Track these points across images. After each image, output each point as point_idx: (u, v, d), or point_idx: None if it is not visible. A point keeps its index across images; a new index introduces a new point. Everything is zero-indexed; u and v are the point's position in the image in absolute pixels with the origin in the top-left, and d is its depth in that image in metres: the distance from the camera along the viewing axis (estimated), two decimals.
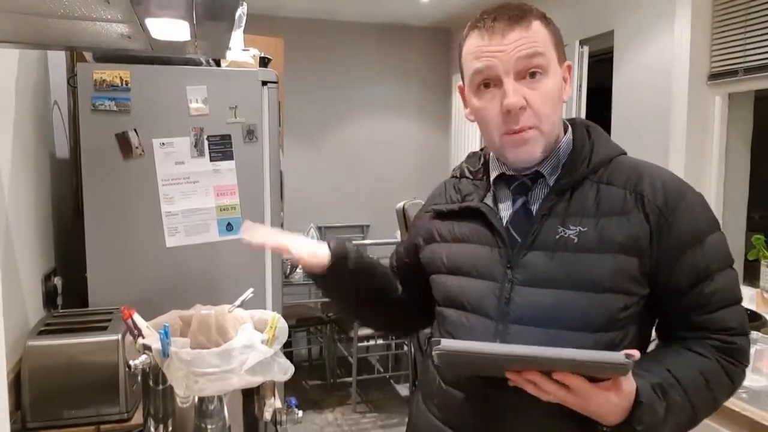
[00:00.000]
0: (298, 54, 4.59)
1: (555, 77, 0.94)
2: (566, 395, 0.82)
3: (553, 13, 1.02)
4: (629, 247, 0.89)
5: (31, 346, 1.37)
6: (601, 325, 0.89)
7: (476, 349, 0.84)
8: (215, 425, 1.16)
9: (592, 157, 0.96)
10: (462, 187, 1.07)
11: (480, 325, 0.95)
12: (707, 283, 0.90)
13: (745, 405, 1.62)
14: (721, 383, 0.91)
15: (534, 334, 0.90)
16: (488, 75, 0.92)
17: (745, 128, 2.67)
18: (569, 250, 0.91)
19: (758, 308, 2.19)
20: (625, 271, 0.89)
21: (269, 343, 1.13)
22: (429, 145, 5.29)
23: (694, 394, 0.88)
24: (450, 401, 0.99)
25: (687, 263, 0.90)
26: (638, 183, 0.92)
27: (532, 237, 0.93)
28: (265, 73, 1.89)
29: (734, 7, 2.49)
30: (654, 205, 0.90)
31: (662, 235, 0.89)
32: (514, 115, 0.91)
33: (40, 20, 1.02)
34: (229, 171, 1.84)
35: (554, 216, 0.93)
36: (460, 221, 1.03)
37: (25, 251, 1.56)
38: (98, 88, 1.72)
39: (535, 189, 0.98)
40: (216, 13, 1.01)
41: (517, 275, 0.93)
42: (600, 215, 0.91)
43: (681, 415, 0.87)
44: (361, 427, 3.49)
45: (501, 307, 0.93)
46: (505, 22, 0.91)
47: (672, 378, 0.87)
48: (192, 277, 1.82)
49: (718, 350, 0.91)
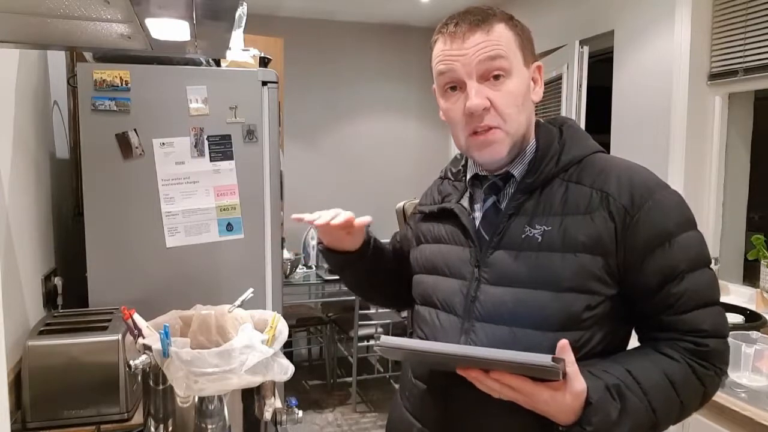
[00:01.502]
0: (298, 54, 4.59)
1: (520, 79, 0.94)
2: (512, 393, 0.83)
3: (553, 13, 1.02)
4: (592, 246, 0.88)
5: (31, 346, 1.37)
6: (562, 325, 0.89)
7: (411, 346, 0.90)
8: (215, 425, 1.16)
9: (561, 155, 0.96)
10: (443, 188, 1.11)
11: (448, 323, 0.97)
12: (675, 284, 0.88)
13: (745, 405, 1.62)
14: (689, 386, 0.88)
15: (497, 332, 0.91)
16: (451, 78, 0.95)
17: (745, 128, 2.67)
18: (533, 249, 0.91)
19: (758, 308, 2.19)
20: (588, 270, 0.88)
21: (269, 343, 1.13)
22: (429, 145, 5.28)
23: (655, 397, 0.85)
24: (417, 394, 1.02)
25: (654, 263, 0.88)
26: (605, 182, 0.91)
27: (499, 236, 0.95)
28: (265, 73, 1.89)
29: (734, 7, 2.48)
30: (619, 204, 0.89)
31: (628, 234, 0.88)
32: (477, 116, 0.93)
33: (40, 20, 1.02)
34: (229, 171, 1.84)
35: (522, 215, 0.94)
36: (438, 222, 1.06)
37: (25, 251, 1.56)
38: (98, 88, 1.72)
39: (505, 189, 1.00)
40: (216, 13, 1.01)
41: (484, 274, 0.95)
42: (565, 214, 0.91)
43: (638, 418, 0.85)
44: (361, 427, 3.49)
45: (467, 306, 0.95)
46: (467, 26, 0.93)
47: (631, 379, 0.85)
48: (192, 277, 1.82)
49: (689, 352, 0.88)
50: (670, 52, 2.70)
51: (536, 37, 1.01)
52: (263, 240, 1.90)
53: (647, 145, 2.86)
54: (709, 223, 2.65)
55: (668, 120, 2.71)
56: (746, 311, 2.04)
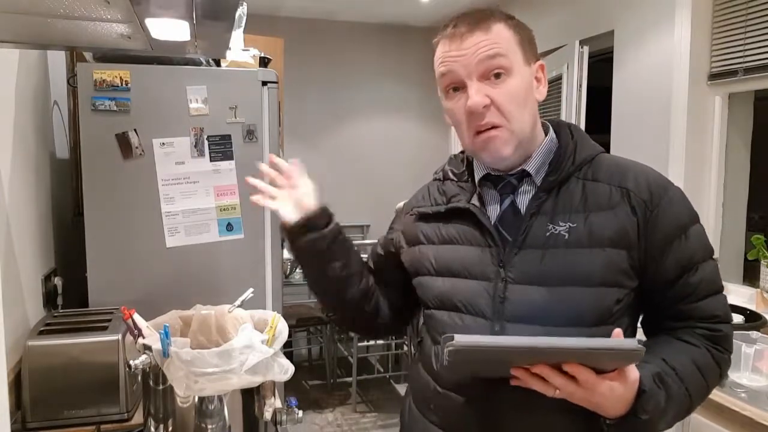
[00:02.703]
0: (298, 54, 4.58)
1: (521, 77, 0.94)
2: (574, 388, 0.82)
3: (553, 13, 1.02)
4: (618, 240, 0.91)
5: (31, 346, 1.37)
6: (595, 319, 0.91)
7: (491, 343, 0.84)
8: (215, 425, 1.16)
9: (576, 155, 0.98)
10: (447, 189, 1.08)
11: (475, 326, 0.95)
12: (692, 274, 0.92)
13: (745, 405, 1.62)
14: (711, 370, 0.93)
15: (530, 331, 0.91)
16: (452, 79, 0.95)
17: (745, 128, 2.67)
18: (560, 246, 0.92)
19: (758, 308, 2.19)
20: (616, 264, 0.91)
21: (269, 343, 1.13)
22: (429, 145, 5.28)
23: (690, 382, 0.89)
24: (449, 405, 0.99)
25: (673, 255, 0.92)
26: (623, 178, 0.95)
27: (523, 235, 0.95)
28: (265, 73, 1.89)
29: (734, 8, 2.48)
30: (640, 199, 0.92)
31: (648, 228, 0.92)
32: (478, 115, 0.93)
33: (40, 20, 1.02)
34: (229, 171, 1.84)
35: (543, 213, 0.95)
36: (446, 223, 1.04)
37: (25, 251, 1.56)
38: (98, 88, 1.72)
39: (521, 188, 0.99)
40: (216, 13, 1.01)
41: (510, 273, 0.94)
42: (588, 211, 0.93)
43: (680, 404, 0.89)
44: (361, 427, 3.49)
45: (496, 307, 0.94)
46: (466, 26, 0.94)
47: (668, 367, 0.88)
48: (192, 277, 1.82)
49: (705, 338, 0.93)
50: (670, 52, 2.70)
51: (536, 37, 1.01)
52: (263, 240, 1.90)
53: (647, 145, 2.86)
54: (709, 223, 2.64)
55: (668, 120, 2.71)
56: (746, 311, 2.04)
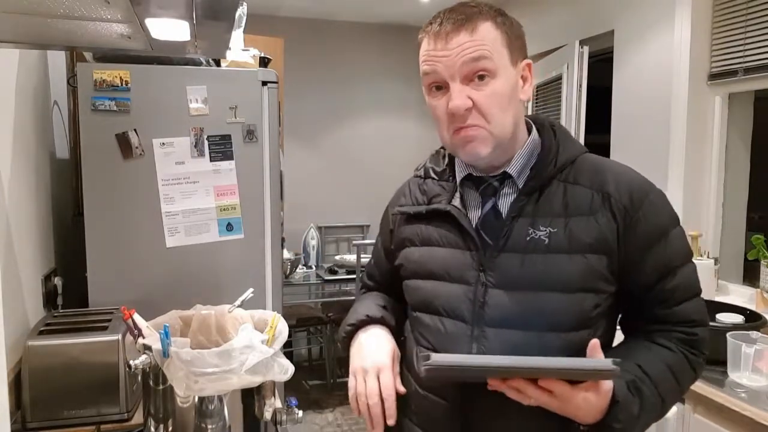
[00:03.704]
0: (298, 54, 4.59)
1: (505, 78, 0.92)
2: (548, 399, 0.83)
3: (553, 13, 1.02)
4: (598, 246, 0.90)
5: (31, 346, 1.37)
6: (574, 325, 0.91)
7: (466, 362, 0.84)
8: (215, 425, 1.16)
9: (558, 156, 0.96)
10: (428, 188, 1.06)
11: (455, 330, 0.95)
12: (670, 279, 0.92)
13: (745, 405, 1.62)
14: (685, 374, 0.94)
15: (509, 336, 0.91)
16: (435, 79, 0.94)
17: (745, 128, 2.66)
18: (540, 251, 0.91)
19: (758, 308, 2.19)
20: (595, 270, 0.90)
21: (269, 343, 1.13)
22: (429, 145, 5.22)
23: (663, 388, 0.90)
24: (428, 406, 0.99)
25: (652, 259, 0.92)
26: (604, 182, 0.93)
27: (504, 239, 0.93)
28: (265, 73, 1.89)
29: (734, 7, 2.48)
30: (620, 205, 0.91)
31: (629, 233, 0.91)
32: (460, 117, 0.92)
33: (40, 20, 1.02)
34: (229, 171, 1.84)
35: (524, 217, 0.94)
36: (427, 224, 1.02)
37: (25, 251, 1.56)
38: (98, 88, 1.72)
39: (503, 190, 0.98)
40: (216, 13, 1.01)
41: (490, 278, 0.93)
42: (569, 216, 0.92)
43: (652, 410, 0.89)
44: (360, 427, 3.49)
45: (476, 311, 0.93)
46: (451, 25, 0.91)
47: (642, 374, 0.88)
48: (192, 277, 1.82)
49: (681, 342, 0.93)
50: (670, 52, 2.70)
51: (536, 37, 1.01)
52: (263, 240, 1.90)
53: (647, 145, 2.86)
54: (709, 223, 2.65)
55: (668, 120, 2.71)
56: (746, 311, 2.04)
